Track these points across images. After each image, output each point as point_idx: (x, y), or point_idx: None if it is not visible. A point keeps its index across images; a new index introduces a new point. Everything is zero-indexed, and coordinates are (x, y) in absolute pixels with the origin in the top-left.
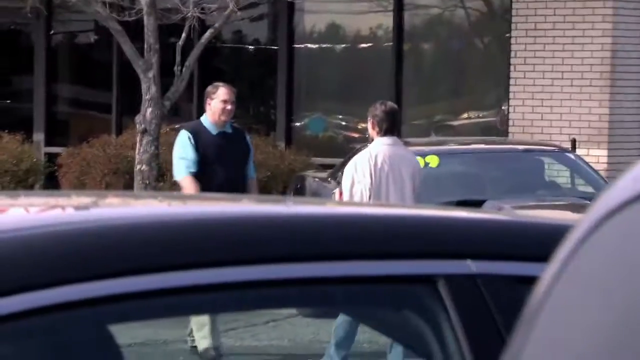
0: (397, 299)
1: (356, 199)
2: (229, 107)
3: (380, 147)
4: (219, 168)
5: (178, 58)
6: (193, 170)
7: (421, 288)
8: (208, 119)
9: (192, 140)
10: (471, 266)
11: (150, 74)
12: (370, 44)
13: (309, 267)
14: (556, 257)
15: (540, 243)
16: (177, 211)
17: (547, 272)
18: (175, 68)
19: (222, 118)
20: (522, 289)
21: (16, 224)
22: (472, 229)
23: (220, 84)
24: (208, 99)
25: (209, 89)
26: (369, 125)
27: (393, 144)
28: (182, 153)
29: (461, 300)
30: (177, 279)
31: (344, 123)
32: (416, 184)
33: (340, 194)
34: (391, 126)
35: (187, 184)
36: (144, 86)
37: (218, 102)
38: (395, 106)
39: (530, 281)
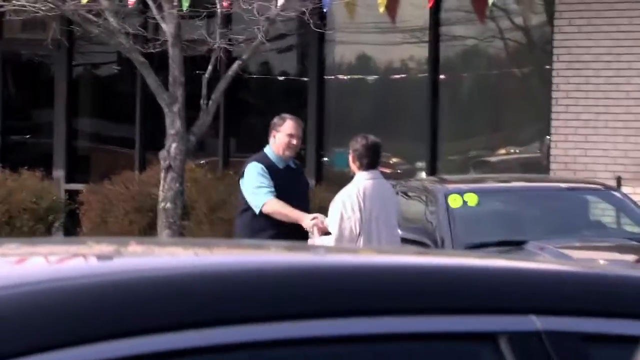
0: (455, 359)
1: (345, 235)
2: (294, 141)
3: (364, 181)
4: (293, 205)
5: (204, 91)
6: (269, 197)
7: (481, 346)
8: (272, 152)
9: (265, 172)
10: (536, 322)
11: (175, 108)
12: (403, 76)
13: (357, 324)
14: None
15: (610, 296)
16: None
17: None
18: (202, 101)
19: (287, 153)
20: (592, 348)
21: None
22: (537, 281)
23: (288, 116)
24: (273, 131)
25: (276, 120)
26: (350, 159)
27: (376, 177)
28: (258, 182)
29: None
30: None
31: None
32: (399, 219)
33: (319, 230)
34: (372, 160)
35: (275, 203)
36: (168, 120)
37: (284, 135)
38: (377, 140)
39: (601, 339)
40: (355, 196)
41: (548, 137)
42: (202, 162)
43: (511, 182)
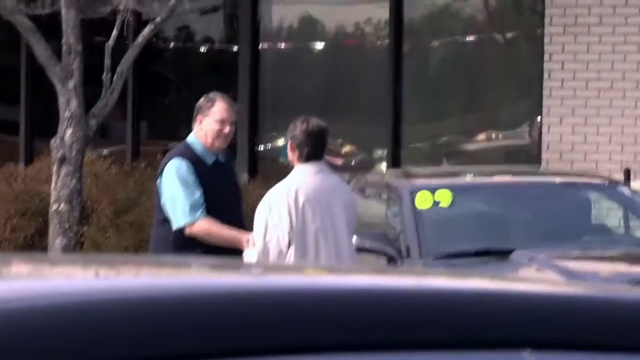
0: None
1: (271, 249)
2: (227, 129)
3: (302, 177)
4: (225, 212)
5: (107, 62)
6: (202, 213)
7: None
8: (199, 143)
9: (192, 173)
10: (529, 359)
11: (70, 84)
12: (359, 44)
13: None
14: None
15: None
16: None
17: None
18: (104, 76)
19: (217, 144)
20: None
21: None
22: (531, 307)
23: (218, 95)
24: (200, 116)
25: (202, 102)
26: (288, 149)
27: (319, 171)
28: (182, 190)
29: None
30: None
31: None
32: (353, 227)
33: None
34: (314, 150)
35: (206, 225)
36: (61, 100)
37: (213, 121)
38: (322, 124)
39: None
40: (284, 197)
41: (539, 119)
42: (105, 152)
43: (493, 176)
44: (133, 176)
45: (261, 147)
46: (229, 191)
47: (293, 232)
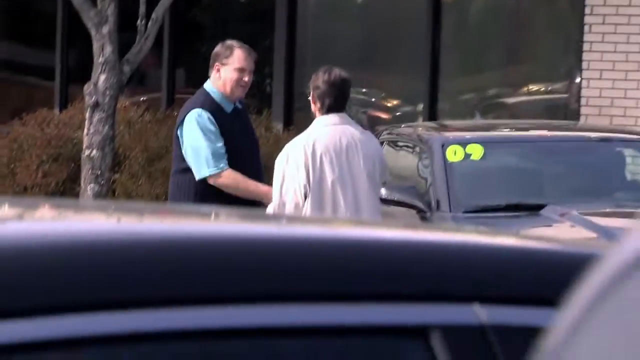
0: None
1: (287, 201)
2: (246, 78)
3: (321, 128)
4: (246, 161)
5: (142, 8)
6: (226, 164)
7: (408, 343)
8: (216, 91)
9: (214, 123)
10: (479, 313)
11: (105, 30)
12: None
13: (248, 313)
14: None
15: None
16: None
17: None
18: (139, 22)
19: (237, 93)
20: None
21: None
22: (483, 261)
23: (235, 43)
24: (217, 64)
25: (219, 49)
26: (311, 100)
27: (340, 123)
28: (205, 140)
29: None
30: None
31: (363, 98)
32: (378, 180)
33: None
34: (336, 101)
35: (233, 176)
36: (96, 45)
37: (232, 70)
38: (344, 75)
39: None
40: (302, 149)
41: (579, 73)
42: (140, 99)
43: (527, 130)
44: (166, 124)
45: (296, 98)
46: (248, 139)
47: (310, 185)
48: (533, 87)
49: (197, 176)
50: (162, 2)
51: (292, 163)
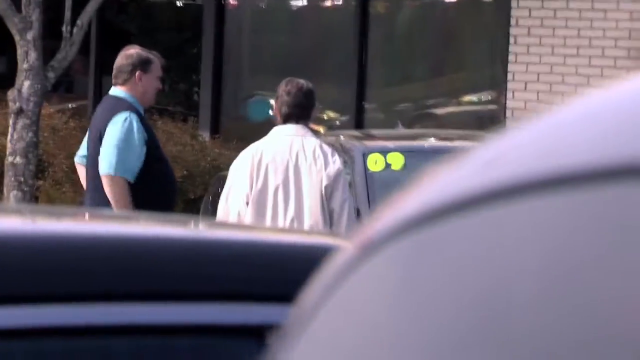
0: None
1: (231, 211)
2: (160, 86)
3: (275, 138)
4: (166, 163)
5: (68, 14)
6: (133, 174)
7: (242, 343)
8: (133, 98)
9: (141, 127)
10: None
11: (30, 36)
12: (327, 4)
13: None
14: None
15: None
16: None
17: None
18: (64, 27)
19: (152, 101)
20: None
21: None
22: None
23: (150, 54)
24: (139, 71)
25: (138, 58)
26: (274, 110)
27: (294, 134)
28: (125, 146)
29: None
30: None
31: None
32: (334, 194)
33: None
34: (294, 111)
35: (120, 191)
36: (20, 51)
37: (154, 79)
38: (306, 85)
39: None
40: (250, 156)
41: (504, 85)
42: (67, 106)
43: (450, 141)
44: None
45: (224, 106)
46: (157, 141)
47: (252, 197)
48: (459, 98)
49: (101, 171)
50: (88, 8)
51: (238, 170)
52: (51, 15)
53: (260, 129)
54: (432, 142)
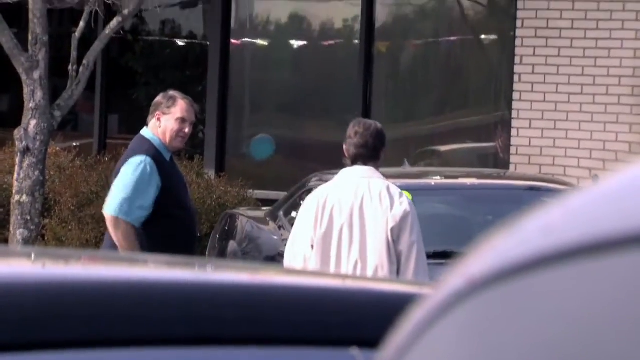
0: None
1: (297, 255)
2: (187, 129)
3: (341, 180)
4: (185, 207)
5: (74, 54)
6: (143, 218)
7: None
8: (157, 139)
9: (155, 172)
10: (358, 358)
11: (36, 75)
12: (329, 43)
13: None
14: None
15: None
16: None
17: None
18: (70, 67)
19: (176, 144)
20: None
21: None
22: (361, 304)
23: (178, 94)
24: (158, 113)
25: (161, 99)
26: (344, 150)
27: (362, 176)
28: (134, 189)
29: None
30: None
31: (294, 146)
32: (402, 236)
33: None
34: (362, 152)
35: (128, 235)
36: (26, 90)
37: (173, 120)
38: (374, 125)
39: None
40: (315, 200)
41: (508, 123)
42: (72, 144)
43: (455, 178)
44: (97, 169)
45: (230, 144)
46: (183, 185)
47: (317, 242)
48: (464, 136)
49: (106, 210)
50: (94, 47)
51: (304, 214)
52: (57, 54)
53: (267, 167)
54: (438, 180)
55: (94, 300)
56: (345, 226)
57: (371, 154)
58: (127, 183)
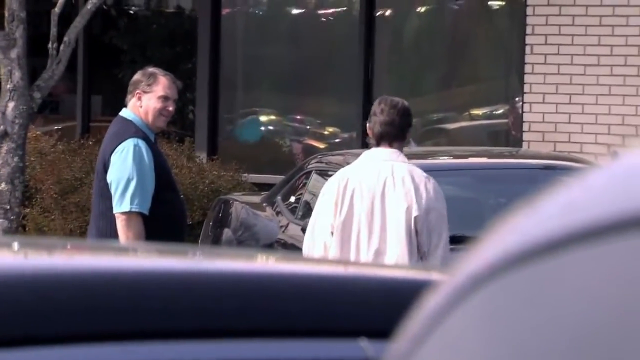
0: None
1: (317, 243)
2: (170, 107)
3: (364, 162)
4: (175, 190)
5: (54, 31)
6: (147, 206)
7: None
8: (139, 119)
9: (150, 153)
10: (366, 349)
11: (13, 54)
12: (327, 12)
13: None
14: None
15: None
16: None
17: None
18: (50, 45)
19: (159, 123)
20: None
21: None
22: (370, 293)
23: (158, 71)
24: (138, 91)
25: (140, 77)
26: (368, 130)
27: (385, 159)
28: (137, 175)
29: None
30: None
31: (292, 125)
32: (419, 226)
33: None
34: (389, 131)
35: (135, 229)
36: (3, 71)
37: (155, 99)
38: (403, 103)
39: None
40: (336, 184)
41: (519, 97)
42: (53, 128)
43: (467, 158)
44: (80, 154)
45: (222, 125)
46: (169, 167)
47: (337, 227)
48: (473, 112)
49: (116, 209)
50: (75, 24)
51: (324, 198)
52: (36, 31)
53: (262, 150)
54: (447, 160)
55: (85, 293)
56: (366, 213)
57: (397, 132)
58: (130, 172)
